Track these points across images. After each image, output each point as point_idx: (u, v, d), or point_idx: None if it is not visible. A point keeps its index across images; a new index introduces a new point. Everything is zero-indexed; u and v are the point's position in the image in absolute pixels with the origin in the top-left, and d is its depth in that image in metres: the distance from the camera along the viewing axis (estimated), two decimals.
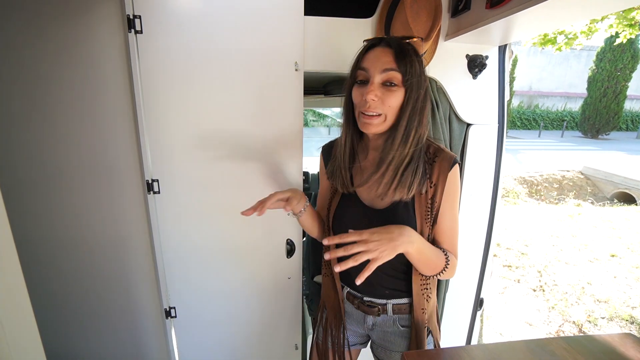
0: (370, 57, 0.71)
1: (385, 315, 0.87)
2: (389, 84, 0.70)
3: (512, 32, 1.03)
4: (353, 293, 0.90)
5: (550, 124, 17.47)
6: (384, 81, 0.70)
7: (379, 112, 0.71)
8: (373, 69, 0.69)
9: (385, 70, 0.69)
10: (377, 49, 0.71)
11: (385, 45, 0.71)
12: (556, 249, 4.13)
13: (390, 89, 0.70)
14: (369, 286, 0.87)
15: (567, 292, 3.21)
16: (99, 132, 1.05)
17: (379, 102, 0.70)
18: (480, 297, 1.47)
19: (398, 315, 0.87)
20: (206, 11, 0.98)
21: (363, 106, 0.71)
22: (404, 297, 0.86)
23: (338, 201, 0.85)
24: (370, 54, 0.71)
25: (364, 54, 0.73)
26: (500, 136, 1.27)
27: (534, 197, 6.74)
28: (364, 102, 0.70)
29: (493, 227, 1.37)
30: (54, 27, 0.96)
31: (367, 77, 0.71)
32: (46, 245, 1.12)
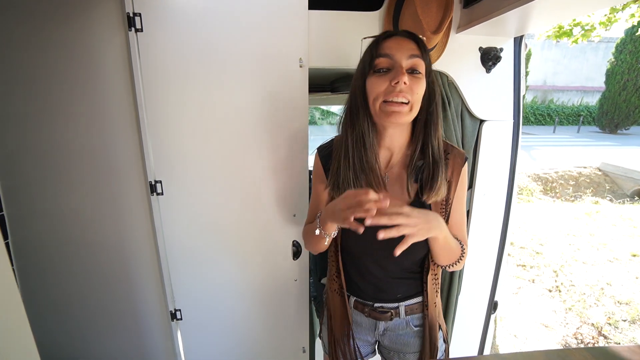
0: (391, 44, 0.68)
1: (397, 318, 0.84)
2: (415, 71, 0.67)
3: (528, 22, 0.97)
4: (362, 302, 0.86)
5: (565, 119, 16.96)
6: (410, 68, 0.67)
7: (408, 98, 0.66)
8: (400, 54, 0.66)
9: (412, 57, 0.66)
10: (397, 37, 0.68)
11: (405, 36, 0.69)
12: (573, 248, 3.99)
13: (416, 77, 0.67)
14: (380, 292, 0.84)
15: (585, 293, 3.09)
16: (101, 132, 1.04)
17: (407, 89, 0.66)
18: (495, 300, 1.42)
19: (410, 316, 0.85)
20: (207, 7, 0.95)
21: (390, 93, 0.66)
22: (415, 297, 0.85)
23: None
24: (391, 41, 0.68)
25: (382, 42, 0.68)
26: (515, 133, 1.21)
27: (549, 195, 6.55)
28: (392, 88, 0.65)
29: (508, 228, 1.31)
30: (54, 25, 0.95)
31: (391, 63, 0.66)
32: (50, 247, 1.12)
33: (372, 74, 0.68)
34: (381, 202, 0.58)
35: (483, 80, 1.15)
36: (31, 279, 1.16)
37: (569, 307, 2.90)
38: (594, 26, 3.82)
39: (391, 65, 0.67)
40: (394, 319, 0.84)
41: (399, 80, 0.64)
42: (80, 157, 1.06)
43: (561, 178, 6.93)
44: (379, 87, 0.67)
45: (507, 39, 1.12)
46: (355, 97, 0.73)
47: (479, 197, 1.24)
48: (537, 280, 3.39)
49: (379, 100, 0.68)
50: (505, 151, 1.22)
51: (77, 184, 1.08)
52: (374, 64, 0.68)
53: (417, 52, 0.67)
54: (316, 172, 0.85)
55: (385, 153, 0.78)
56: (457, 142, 1.18)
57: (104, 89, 1.01)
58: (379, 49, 0.68)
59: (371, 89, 0.68)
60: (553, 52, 16.94)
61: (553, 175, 6.95)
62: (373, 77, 0.68)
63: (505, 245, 1.33)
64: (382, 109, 0.68)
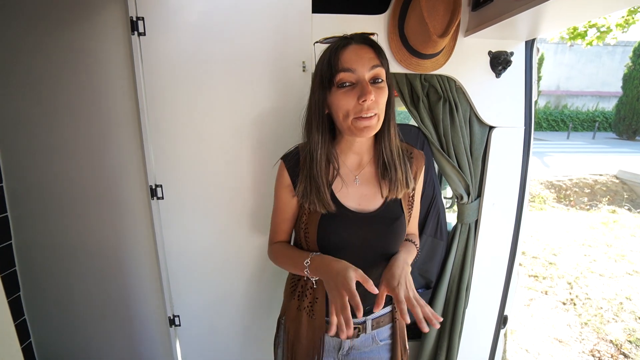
0: (350, 56, 0.65)
1: (364, 334, 0.82)
2: (377, 80, 0.66)
3: (540, 24, 0.93)
4: (326, 319, 0.80)
5: (580, 125, 16.52)
6: (372, 78, 0.66)
7: (376, 111, 0.66)
8: (361, 67, 0.64)
9: (373, 67, 0.65)
10: (353, 46, 0.66)
11: (360, 42, 0.67)
12: (588, 259, 3.84)
13: (379, 86, 0.67)
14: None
15: (602, 307, 2.96)
16: (103, 135, 1.04)
17: (374, 102, 0.65)
18: (505, 314, 1.36)
19: (377, 330, 0.83)
20: (210, 11, 0.94)
21: (360, 111, 0.65)
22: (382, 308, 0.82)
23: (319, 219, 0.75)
24: (349, 53, 0.65)
25: (340, 53, 0.65)
26: (526, 140, 1.16)
27: (563, 203, 6.35)
28: (360, 106, 0.65)
29: (519, 239, 1.25)
30: (61, 30, 0.96)
31: (354, 78, 0.65)
32: (51, 249, 1.12)
33: (337, 90, 0.66)
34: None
35: (493, 85, 1.11)
36: (33, 280, 1.16)
37: (584, 322, 2.77)
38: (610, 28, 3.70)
39: (355, 80, 0.65)
40: (360, 336, 0.81)
41: (367, 98, 0.63)
42: (83, 160, 1.07)
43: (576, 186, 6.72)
44: (346, 104, 0.66)
45: (518, 42, 1.08)
46: (313, 110, 0.72)
47: (487, 207, 1.20)
48: (550, 292, 3.27)
49: (349, 117, 0.67)
50: (516, 159, 1.18)
51: (79, 186, 1.08)
52: (336, 80, 0.65)
53: (377, 60, 0.66)
54: (282, 182, 0.81)
55: (355, 157, 0.78)
56: (465, 149, 1.14)
57: (107, 92, 1.02)
58: (340, 63, 0.65)
59: (338, 106, 0.67)
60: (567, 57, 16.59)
61: (567, 182, 6.76)
62: (339, 94, 0.66)
63: (515, 256, 1.27)
64: (354, 125, 0.67)
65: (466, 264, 1.24)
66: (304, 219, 0.78)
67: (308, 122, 0.74)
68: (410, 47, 1.02)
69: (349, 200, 0.76)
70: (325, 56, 0.67)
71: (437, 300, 1.29)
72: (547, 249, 4.10)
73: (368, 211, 0.76)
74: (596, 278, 3.44)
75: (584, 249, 4.12)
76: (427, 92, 1.13)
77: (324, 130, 0.72)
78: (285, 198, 0.81)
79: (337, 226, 0.75)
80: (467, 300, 1.27)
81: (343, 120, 0.68)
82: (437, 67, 1.06)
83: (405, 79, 1.12)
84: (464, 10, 1.04)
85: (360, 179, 0.78)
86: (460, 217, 1.22)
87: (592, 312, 2.89)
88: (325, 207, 0.73)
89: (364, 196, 0.77)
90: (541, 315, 2.93)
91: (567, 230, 4.69)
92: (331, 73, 0.65)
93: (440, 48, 0.99)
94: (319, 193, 0.72)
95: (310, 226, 0.76)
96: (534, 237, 4.44)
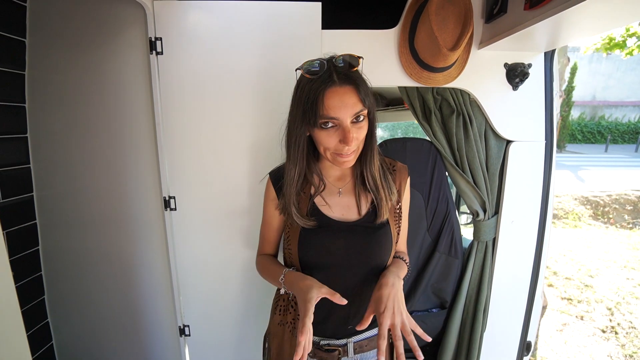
0: (334, 103, 0.65)
1: (346, 357, 0.78)
2: (359, 119, 0.68)
3: (559, 35, 0.89)
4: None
5: (620, 137, 15.43)
6: (354, 119, 0.67)
7: (354, 149, 0.70)
8: (344, 116, 0.65)
9: (356, 114, 0.66)
10: (335, 89, 0.65)
11: (343, 83, 0.65)
12: (632, 283, 3.51)
13: (359, 125, 0.69)
14: (328, 325, 0.77)
15: None
16: (123, 149, 1.10)
17: (354, 139, 0.68)
18: (527, 340, 1.26)
19: (360, 355, 0.79)
20: (224, 29, 0.99)
21: (340, 149, 0.69)
22: (367, 331, 0.80)
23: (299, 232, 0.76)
24: (333, 99, 0.65)
25: (322, 97, 0.65)
26: (548, 154, 1.10)
27: (600, 220, 5.90)
28: (341, 146, 0.68)
29: (542, 259, 1.17)
30: (89, 51, 1.04)
31: (338, 122, 0.67)
32: (73, 256, 1.19)
33: (319, 129, 0.68)
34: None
35: (509, 98, 1.07)
36: (56, 285, 1.23)
37: (629, 354, 2.51)
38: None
39: (338, 124, 0.67)
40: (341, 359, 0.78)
41: (348, 143, 0.66)
42: (104, 172, 1.13)
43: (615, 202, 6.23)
44: (328, 143, 0.69)
45: (536, 53, 1.04)
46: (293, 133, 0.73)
47: (506, 224, 1.13)
48: (586, 318, 3.01)
49: (329, 151, 0.70)
50: (537, 174, 1.11)
51: (100, 197, 1.14)
52: (319, 122, 0.67)
53: (360, 105, 0.66)
54: (268, 196, 0.84)
55: (338, 172, 0.81)
56: (480, 164, 1.10)
57: (128, 108, 1.08)
58: (324, 109, 0.65)
59: (320, 142, 0.70)
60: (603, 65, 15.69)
61: (606, 198, 6.28)
62: (321, 133, 0.68)
63: (539, 278, 1.19)
64: (332, 158, 0.71)
65: (483, 283, 1.17)
66: (287, 231, 0.80)
67: (288, 143, 0.75)
68: (421, 61, 1.01)
69: (332, 210, 0.78)
70: (310, 95, 0.66)
71: (453, 322, 1.22)
72: (583, 270, 3.79)
73: (351, 220, 0.77)
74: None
75: (625, 271, 3.78)
76: (439, 105, 1.10)
77: (303, 150, 0.74)
78: (271, 211, 0.84)
79: (318, 238, 0.75)
80: (485, 323, 1.19)
81: (323, 152, 0.71)
82: (449, 81, 1.04)
83: (417, 92, 1.10)
84: (477, 23, 1.02)
85: (344, 190, 0.80)
86: (476, 234, 1.16)
87: (638, 343, 2.62)
88: (304, 222, 0.75)
89: (346, 206, 0.78)
90: (576, 342, 2.69)
91: (606, 251, 4.33)
92: (315, 116, 0.66)
93: (451, 61, 0.97)
94: (297, 209, 0.75)
95: (292, 239, 0.78)
96: (567, 256, 4.14)
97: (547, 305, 3.16)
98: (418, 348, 0.61)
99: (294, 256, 0.77)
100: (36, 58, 1.08)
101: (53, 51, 1.07)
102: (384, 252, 0.77)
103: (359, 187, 0.79)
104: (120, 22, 1.02)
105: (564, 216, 5.86)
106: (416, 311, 1.25)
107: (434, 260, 1.19)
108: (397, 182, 0.82)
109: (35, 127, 1.12)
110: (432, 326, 1.26)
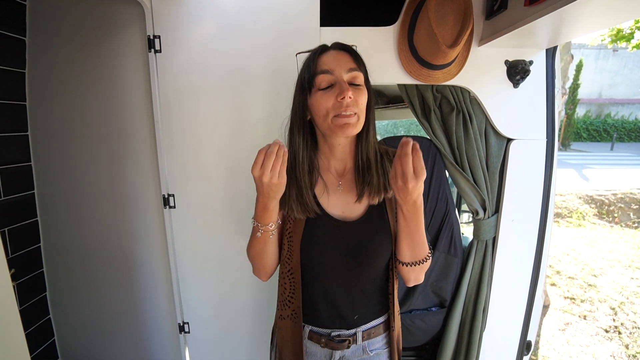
0: (328, 59, 0.68)
1: (354, 345, 0.81)
2: (355, 84, 0.69)
3: (561, 31, 0.88)
4: (317, 331, 0.81)
5: (626, 135, 15.23)
6: (350, 81, 0.68)
7: (355, 111, 0.68)
8: (338, 69, 0.67)
9: (350, 70, 0.68)
10: (330, 52, 0.70)
11: (338, 49, 0.70)
12: (637, 283, 3.47)
13: (358, 88, 0.69)
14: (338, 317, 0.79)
15: None
16: (123, 147, 1.11)
17: (354, 101, 0.67)
18: (527, 340, 1.25)
19: (367, 341, 0.81)
20: (220, 27, 0.99)
21: (339, 108, 0.67)
22: (373, 319, 0.82)
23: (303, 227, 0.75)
24: (327, 56, 0.69)
25: (318, 58, 0.69)
26: (549, 152, 1.09)
27: (605, 219, 5.84)
28: (339, 103, 0.66)
29: (542, 259, 1.16)
30: (89, 49, 1.05)
31: (333, 79, 0.68)
32: (74, 253, 1.20)
33: (316, 92, 0.69)
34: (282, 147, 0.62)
35: (510, 95, 1.06)
36: (57, 282, 1.24)
37: (632, 354, 2.49)
38: None
39: (333, 81, 0.68)
40: (351, 347, 0.80)
41: (344, 95, 0.65)
42: (104, 170, 1.13)
43: (621, 201, 6.16)
44: (326, 103, 0.68)
45: (538, 50, 1.03)
46: (295, 115, 0.75)
47: (506, 223, 1.12)
48: (589, 317, 2.98)
49: (329, 116, 0.69)
50: (538, 172, 1.10)
51: (100, 194, 1.15)
52: (315, 82, 0.68)
53: (354, 64, 0.69)
54: None
55: (339, 164, 0.79)
56: (480, 162, 1.09)
57: (127, 106, 1.08)
58: (317, 66, 0.68)
59: (318, 106, 0.69)
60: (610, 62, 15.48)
61: (611, 197, 6.22)
62: (317, 95, 0.69)
63: (539, 277, 1.18)
64: (334, 123, 0.69)
65: (483, 283, 1.16)
66: (288, 226, 0.78)
67: (290, 127, 0.76)
68: (420, 58, 1.00)
69: (333, 207, 0.77)
70: (305, 62, 0.72)
71: (452, 321, 1.21)
72: (586, 269, 3.76)
73: (351, 219, 0.76)
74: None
75: (630, 271, 3.74)
76: (439, 103, 1.09)
77: (305, 134, 0.74)
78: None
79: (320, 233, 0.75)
80: (484, 322, 1.19)
81: (323, 120, 0.69)
82: (449, 78, 1.03)
83: (416, 90, 1.09)
84: (477, 19, 1.00)
85: (343, 185, 0.78)
86: (476, 233, 1.16)
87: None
88: (309, 211, 0.73)
89: (347, 204, 0.77)
90: (579, 342, 2.67)
91: (611, 250, 4.29)
92: (310, 76, 0.69)
93: (451, 59, 0.96)
94: (302, 197, 0.73)
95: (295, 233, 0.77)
96: (570, 255, 4.11)
97: (549, 305, 3.15)
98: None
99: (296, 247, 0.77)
100: (36, 56, 1.09)
101: (53, 49, 1.07)
102: (383, 252, 0.77)
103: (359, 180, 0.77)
104: (119, 20, 1.02)
105: (567, 215, 5.81)
106: (415, 310, 1.25)
107: (434, 259, 1.18)
108: None
109: (35, 125, 1.13)
110: (431, 325, 1.25)
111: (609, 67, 15.67)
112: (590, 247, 4.40)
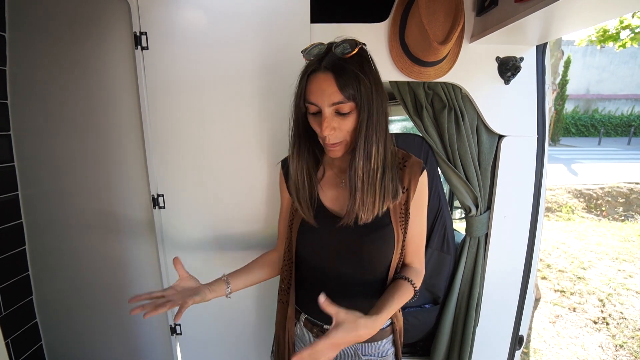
0: (314, 88, 0.65)
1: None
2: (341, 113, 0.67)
3: (551, 27, 0.88)
4: (312, 320, 0.81)
5: (613, 130, 15.57)
6: (335, 111, 0.66)
7: (339, 139, 0.69)
8: (321, 102, 0.65)
9: (333, 104, 0.65)
10: (318, 76, 0.65)
11: (325, 70, 0.64)
12: (623, 275, 3.56)
13: (343, 117, 0.67)
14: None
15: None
16: (110, 146, 1.08)
17: (337, 131, 0.67)
18: (520, 334, 1.27)
19: (361, 345, 0.80)
20: (209, 23, 0.96)
21: (323, 138, 0.69)
22: None
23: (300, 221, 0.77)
24: (313, 84, 0.66)
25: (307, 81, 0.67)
26: (540, 148, 1.10)
27: (593, 213, 5.97)
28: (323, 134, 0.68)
29: (534, 254, 1.17)
30: (73, 46, 1.01)
31: (318, 109, 0.67)
32: (61, 256, 1.17)
33: (308, 113, 0.70)
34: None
35: (501, 92, 1.06)
36: (44, 285, 1.21)
37: (619, 344, 2.56)
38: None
39: (318, 110, 0.67)
40: None
41: (324, 133, 0.66)
42: (91, 169, 1.11)
43: (608, 195, 6.30)
44: (315, 128, 0.70)
45: (528, 47, 1.03)
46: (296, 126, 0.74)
47: (498, 220, 1.13)
48: (579, 309, 3.05)
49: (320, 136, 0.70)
50: (529, 168, 1.11)
51: (87, 195, 1.12)
52: (306, 105, 0.69)
53: (339, 95, 0.64)
54: (280, 184, 0.88)
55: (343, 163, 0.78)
56: (472, 159, 1.09)
57: (113, 105, 1.05)
58: (306, 93, 0.68)
59: (311, 124, 0.71)
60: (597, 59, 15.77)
61: (598, 191, 6.35)
62: (310, 117, 0.70)
63: (531, 272, 1.19)
64: (324, 142, 0.71)
65: (476, 279, 1.17)
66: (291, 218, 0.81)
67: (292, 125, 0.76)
68: (412, 55, 1.00)
69: (335, 204, 0.77)
70: (300, 77, 0.69)
71: (446, 317, 1.22)
72: (575, 262, 3.84)
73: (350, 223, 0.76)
74: (632, 296, 3.18)
75: (617, 263, 3.83)
76: (431, 100, 1.09)
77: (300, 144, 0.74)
78: (284, 199, 0.86)
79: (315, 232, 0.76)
80: (477, 318, 1.20)
81: (318, 136, 0.71)
82: (440, 75, 1.03)
83: (408, 87, 1.09)
84: (468, 16, 1.00)
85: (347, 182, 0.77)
86: (468, 230, 1.16)
87: (628, 333, 2.66)
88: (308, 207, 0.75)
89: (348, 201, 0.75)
90: (568, 334, 2.73)
91: (599, 243, 4.39)
92: (302, 99, 0.69)
93: (442, 55, 0.96)
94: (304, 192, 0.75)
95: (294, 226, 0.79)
96: (560, 249, 4.19)
97: (540, 298, 3.21)
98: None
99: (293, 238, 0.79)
100: (17, 53, 1.05)
101: (35, 46, 1.03)
102: (380, 254, 0.75)
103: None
104: (103, 16, 0.99)
105: (557, 209, 5.92)
106: (409, 307, 1.25)
107: (427, 257, 1.18)
108: (406, 179, 0.75)
109: (18, 124, 1.09)
110: (425, 322, 1.26)
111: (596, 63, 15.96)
112: (579, 240, 4.49)
